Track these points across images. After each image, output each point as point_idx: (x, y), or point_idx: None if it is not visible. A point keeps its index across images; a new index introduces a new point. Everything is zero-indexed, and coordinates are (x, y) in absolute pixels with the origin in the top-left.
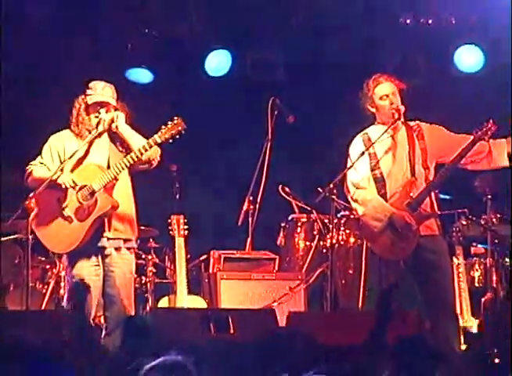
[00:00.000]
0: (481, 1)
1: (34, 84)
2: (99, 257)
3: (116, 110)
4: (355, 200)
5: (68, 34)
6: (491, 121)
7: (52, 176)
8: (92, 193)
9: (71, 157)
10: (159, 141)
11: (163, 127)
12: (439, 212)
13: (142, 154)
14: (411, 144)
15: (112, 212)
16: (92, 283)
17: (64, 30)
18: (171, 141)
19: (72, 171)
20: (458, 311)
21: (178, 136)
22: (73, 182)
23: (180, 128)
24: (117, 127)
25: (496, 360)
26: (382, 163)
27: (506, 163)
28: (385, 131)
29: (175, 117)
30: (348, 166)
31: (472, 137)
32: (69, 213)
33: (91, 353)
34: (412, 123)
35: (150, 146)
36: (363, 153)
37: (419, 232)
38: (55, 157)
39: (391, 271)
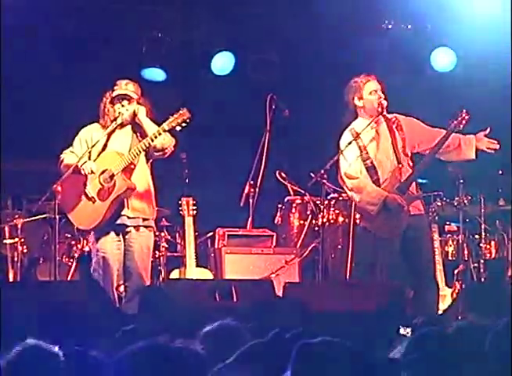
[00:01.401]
0: (454, 10)
1: (61, 83)
2: (121, 234)
3: (138, 104)
4: (351, 189)
5: (92, 38)
6: (464, 111)
7: (76, 163)
8: (112, 176)
9: (93, 146)
10: (167, 128)
11: (170, 116)
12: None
13: (152, 140)
14: (392, 135)
15: (130, 193)
16: (114, 256)
17: (89, 35)
18: (178, 129)
19: (96, 158)
20: None
21: (184, 124)
22: (91, 169)
23: (185, 117)
24: (138, 119)
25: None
26: (371, 153)
27: (473, 156)
28: (370, 123)
29: (181, 108)
30: (338, 155)
31: (445, 131)
32: (92, 194)
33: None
34: (390, 116)
35: (159, 133)
36: (351, 142)
37: (409, 211)
38: (84, 146)
39: (384, 246)
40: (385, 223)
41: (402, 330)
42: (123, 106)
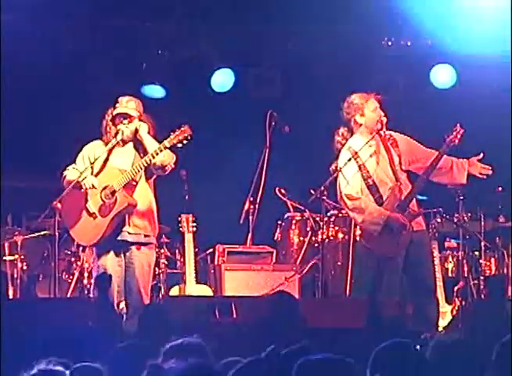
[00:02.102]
0: (454, 27)
1: (62, 100)
2: (122, 250)
3: (140, 121)
4: (352, 210)
5: (92, 55)
6: (458, 124)
7: (77, 179)
8: (113, 192)
9: (93, 162)
10: (168, 145)
11: (171, 133)
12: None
13: (154, 157)
14: (388, 152)
15: (131, 210)
16: (115, 273)
17: (89, 52)
18: (179, 145)
19: (97, 174)
20: None
21: (185, 141)
22: (93, 184)
23: (186, 134)
24: (139, 135)
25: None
26: (371, 171)
27: (464, 181)
28: (368, 141)
29: (182, 125)
30: (337, 173)
31: (438, 151)
32: (93, 210)
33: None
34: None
35: (161, 150)
36: (350, 159)
37: (412, 229)
38: (86, 162)
39: (385, 264)
40: (387, 243)
41: None
42: (123, 124)
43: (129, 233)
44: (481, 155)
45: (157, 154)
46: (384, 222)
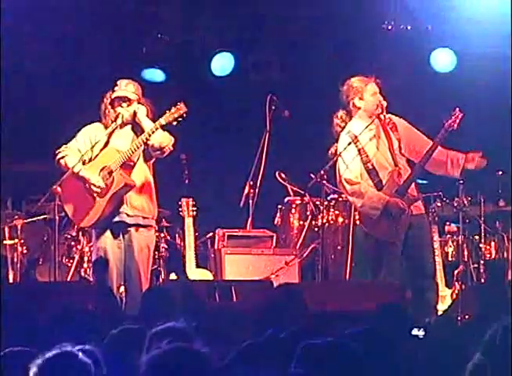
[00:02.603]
0: (454, 11)
1: (61, 84)
2: (121, 232)
3: (139, 104)
4: (351, 195)
5: (92, 39)
6: (457, 109)
7: (73, 168)
8: (110, 172)
9: (92, 147)
10: (163, 123)
11: (167, 111)
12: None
13: (150, 135)
14: (387, 135)
15: (129, 189)
16: (114, 254)
17: (89, 35)
18: (175, 123)
19: (96, 156)
20: None
21: (181, 119)
22: (92, 183)
23: (182, 111)
24: (138, 118)
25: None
26: (370, 155)
27: (457, 175)
28: (368, 125)
29: (178, 103)
30: (336, 158)
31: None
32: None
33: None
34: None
35: (157, 128)
36: (350, 143)
37: (411, 213)
38: (88, 144)
39: (385, 248)
40: (386, 227)
41: (415, 331)
42: (122, 107)
43: (127, 215)
44: (480, 153)
45: (153, 132)
46: (383, 207)
